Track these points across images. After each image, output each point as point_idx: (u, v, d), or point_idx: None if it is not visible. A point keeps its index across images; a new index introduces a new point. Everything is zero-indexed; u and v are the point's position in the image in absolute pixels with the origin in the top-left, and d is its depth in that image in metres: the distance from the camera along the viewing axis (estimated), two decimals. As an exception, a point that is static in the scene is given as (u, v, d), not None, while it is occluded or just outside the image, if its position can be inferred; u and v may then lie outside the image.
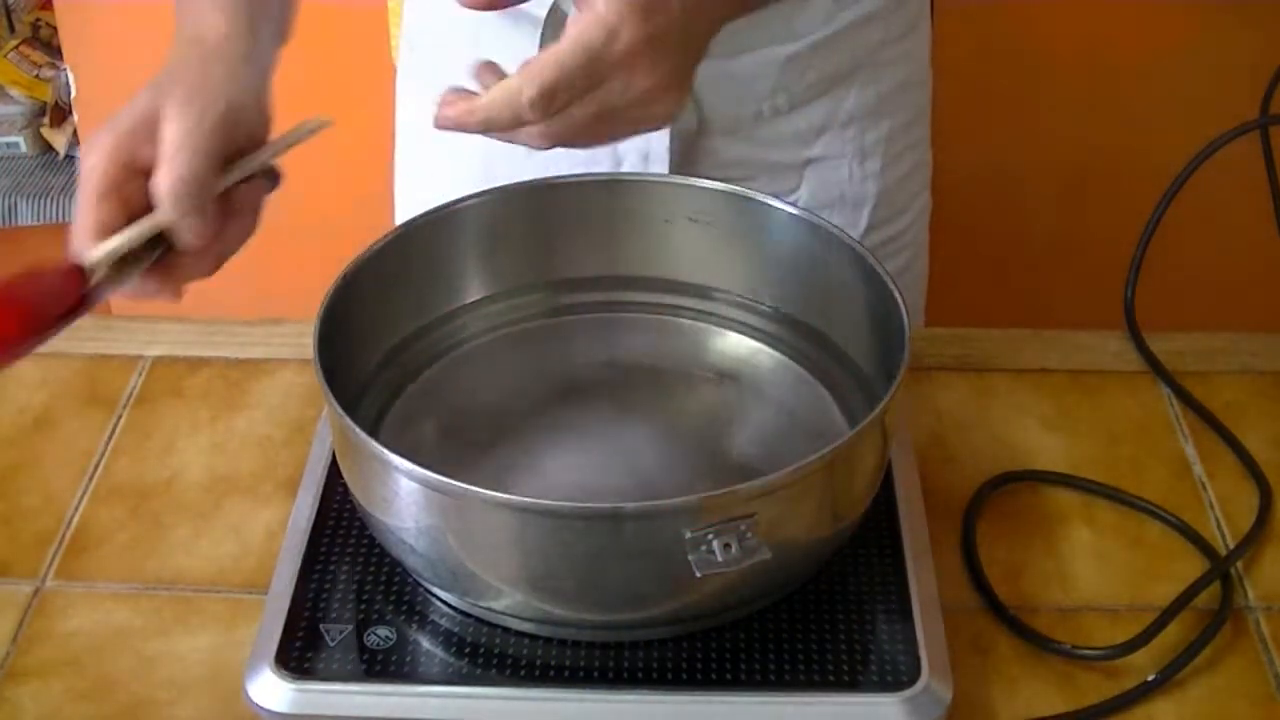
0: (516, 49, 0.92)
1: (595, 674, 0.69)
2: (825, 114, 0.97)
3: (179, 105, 0.69)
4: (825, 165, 0.98)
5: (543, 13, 0.89)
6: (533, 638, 0.70)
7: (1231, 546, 0.80)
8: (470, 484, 0.64)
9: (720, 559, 0.63)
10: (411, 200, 1.08)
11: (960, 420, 0.88)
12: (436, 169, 1.02)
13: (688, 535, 0.63)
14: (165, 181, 0.67)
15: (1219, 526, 0.82)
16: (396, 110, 1.08)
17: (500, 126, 0.67)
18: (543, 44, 0.90)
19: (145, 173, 0.68)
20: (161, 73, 0.72)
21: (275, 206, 0.74)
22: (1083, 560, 0.79)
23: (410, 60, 1.05)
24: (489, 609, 0.70)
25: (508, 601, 0.69)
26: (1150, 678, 0.72)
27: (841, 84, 0.97)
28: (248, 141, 0.73)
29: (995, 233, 1.69)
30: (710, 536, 0.63)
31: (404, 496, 0.67)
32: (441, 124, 0.69)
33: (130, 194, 0.68)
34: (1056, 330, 0.96)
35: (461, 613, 0.72)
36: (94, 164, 0.68)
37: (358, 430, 0.67)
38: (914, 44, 1.02)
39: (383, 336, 0.82)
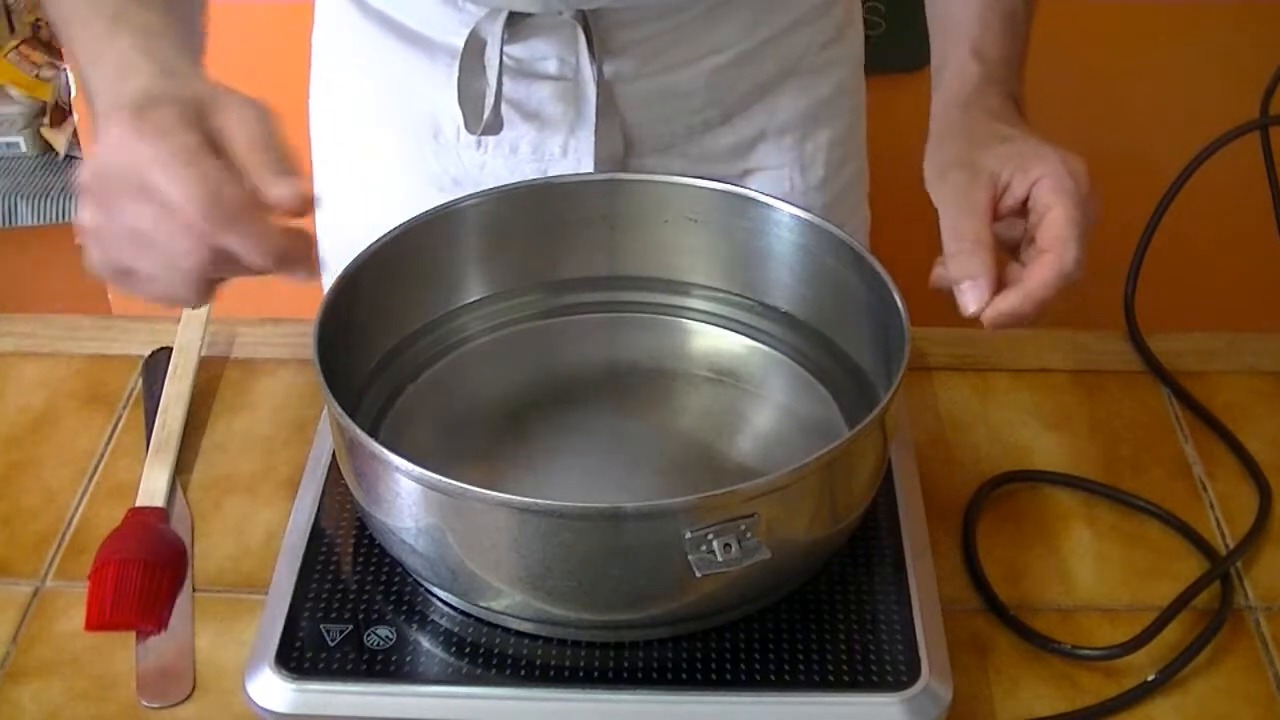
0: (436, 79, 0.91)
1: (595, 674, 0.69)
2: (759, 124, 0.97)
3: (237, 95, 0.63)
4: (765, 177, 0.97)
5: (459, 44, 0.89)
6: (532, 638, 0.70)
7: (1231, 546, 0.80)
8: (470, 484, 0.64)
9: (720, 559, 0.63)
10: (335, 234, 1.04)
11: (960, 420, 0.88)
12: (353, 201, 0.99)
13: (687, 535, 0.63)
14: (263, 155, 0.61)
15: (1219, 526, 0.82)
16: (312, 148, 1.03)
17: (1053, 301, 0.70)
18: (460, 76, 0.89)
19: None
20: (142, 79, 0.65)
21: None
22: (1083, 560, 0.79)
23: (326, 101, 1.02)
24: (489, 609, 0.70)
25: (507, 601, 0.69)
26: (1150, 678, 0.72)
27: (772, 92, 0.96)
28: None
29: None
30: (710, 536, 0.63)
31: (404, 496, 0.67)
32: (997, 323, 0.71)
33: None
34: (1057, 330, 0.96)
35: (461, 613, 0.72)
36: (178, 117, 0.61)
37: (358, 430, 0.67)
38: (844, 49, 1.01)
39: (383, 336, 0.82)
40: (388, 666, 0.69)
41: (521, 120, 0.92)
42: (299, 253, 0.62)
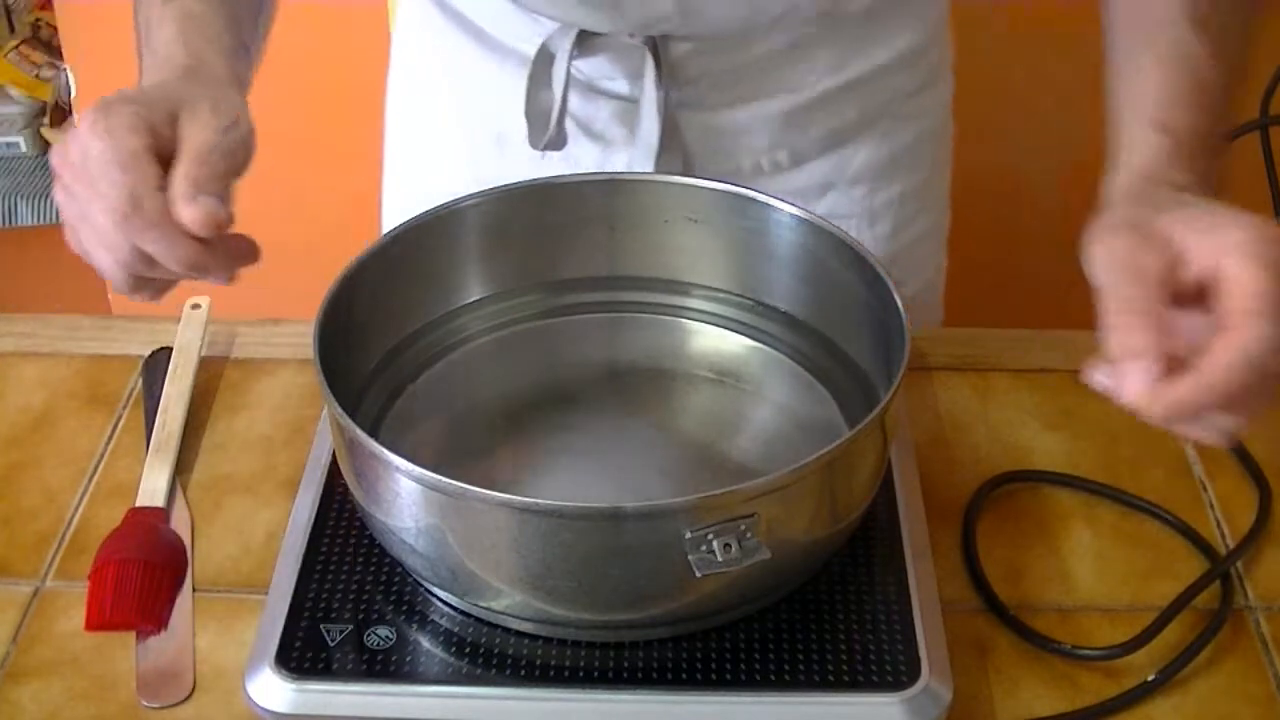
0: (505, 87, 0.91)
1: (595, 674, 0.69)
2: (831, 171, 0.93)
3: (208, 104, 0.65)
4: None
5: (531, 52, 0.89)
6: (533, 638, 0.70)
7: (1231, 546, 0.80)
8: (470, 484, 0.64)
9: (720, 559, 0.63)
10: (400, 197, 1.07)
11: (961, 420, 0.88)
12: (419, 193, 0.98)
13: (687, 535, 0.63)
14: (194, 170, 0.63)
15: (1219, 526, 0.82)
16: (385, 131, 1.06)
17: (1240, 390, 0.58)
18: (529, 87, 0.89)
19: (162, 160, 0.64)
20: (171, 72, 0.69)
21: (275, 207, 0.74)
22: (1083, 560, 0.79)
23: (401, 90, 1.03)
24: (489, 609, 0.70)
25: (508, 601, 0.69)
26: (1150, 678, 0.72)
27: (849, 141, 0.92)
28: (240, 165, 0.68)
29: (996, 233, 1.68)
30: (710, 536, 0.63)
31: (404, 496, 0.67)
32: (1169, 416, 0.60)
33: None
34: (1057, 330, 0.96)
35: (461, 613, 0.72)
36: (131, 122, 0.64)
37: (358, 430, 0.67)
38: (933, 98, 0.96)
39: (383, 336, 0.82)
40: (388, 667, 0.69)
41: (585, 138, 0.92)
42: (212, 264, 0.64)
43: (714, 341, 0.86)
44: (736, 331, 0.86)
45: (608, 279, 0.87)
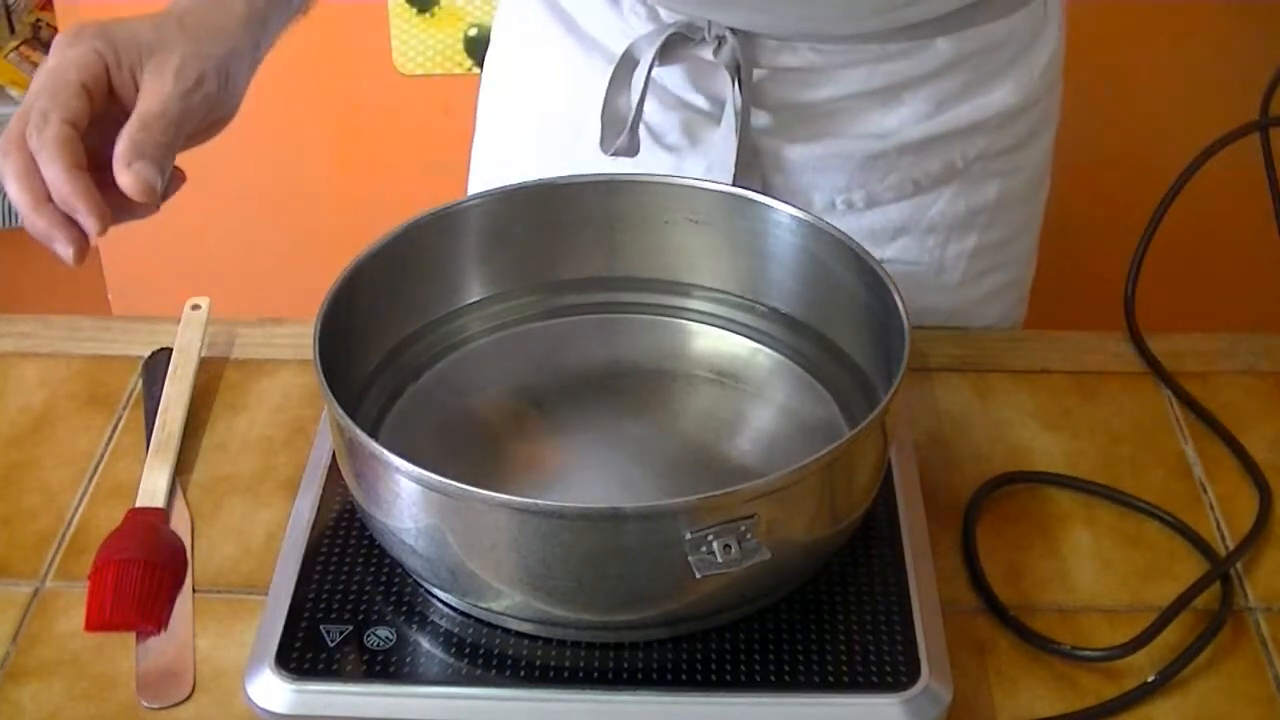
0: (589, 82, 0.91)
1: (595, 675, 0.69)
2: (905, 218, 0.91)
3: (176, 60, 0.66)
4: (895, 267, 0.87)
5: (618, 51, 0.88)
6: (533, 639, 0.70)
7: (1231, 547, 0.80)
8: (470, 484, 0.64)
9: (720, 560, 0.63)
10: (479, 183, 1.05)
11: (960, 421, 0.88)
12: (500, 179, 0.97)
13: (687, 536, 0.63)
14: (138, 135, 0.65)
15: (1219, 527, 0.81)
16: (479, 101, 1.06)
17: None
18: (609, 89, 0.88)
19: (114, 99, 0.66)
20: (167, 11, 0.70)
21: (274, 207, 0.74)
22: (1082, 561, 0.79)
23: (497, 78, 1.03)
24: (488, 609, 0.70)
25: (507, 602, 0.69)
26: (1150, 679, 0.72)
27: (930, 191, 0.90)
28: (209, 125, 0.70)
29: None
30: (710, 537, 0.63)
31: (404, 497, 0.67)
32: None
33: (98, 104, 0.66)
34: (1057, 331, 0.96)
35: (461, 613, 0.72)
36: (83, 57, 0.66)
37: (357, 430, 0.67)
38: (1028, 155, 0.93)
39: (383, 336, 0.82)
40: (388, 667, 0.69)
41: (659, 149, 0.91)
42: (84, 208, 0.64)
43: (714, 342, 0.86)
44: (737, 333, 0.86)
45: (608, 280, 0.87)
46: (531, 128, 0.99)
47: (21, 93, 1.82)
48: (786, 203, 0.82)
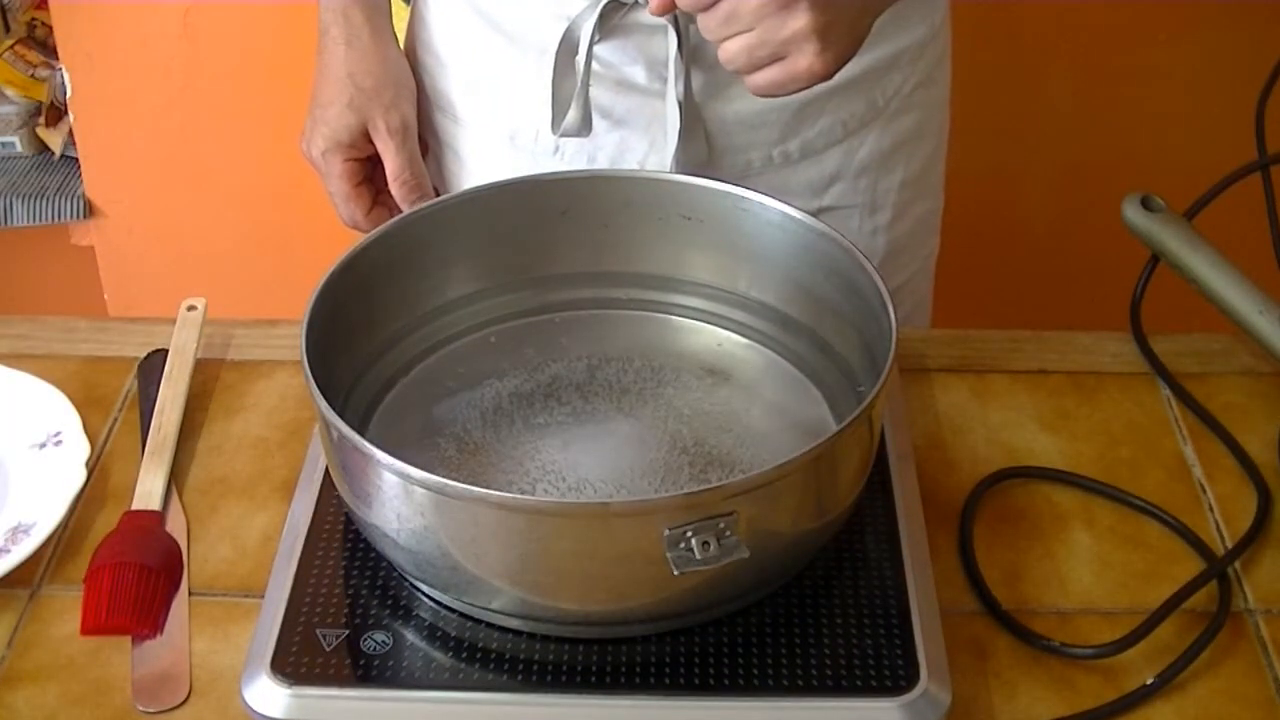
0: (519, 79, 0.91)
1: (593, 678, 0.69)
2: (838, 163, 0.96)
3: (384, 131, 0.92)
4: (834, 215, 0.96)
5: (548, 41, 0.89)
6: (529, 643, 0.70)
7: (1230, 548, 0.79)
8: (457, 480, 0.64)
9: (698, 556, 0.63)
10: None
11: (959, 422, 0.88)
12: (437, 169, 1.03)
13: (666, 533, 0.63)
14: (402, 175, 0.92)
15: (1218, 528, 0.81)
16: None
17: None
18: (554, 75, 0.89)
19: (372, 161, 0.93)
20: (342, 71, 0.92)
21: (270, 208, 0.74)
22: (1081, 562, 0.79)
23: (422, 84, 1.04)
24: (475, 605, 0.70)
25: (493, 598, 0.69)
26: (1149, 681, 0.72)
27: (857, 133, 0.95)
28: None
29: (996, 233, 1.68)
30: (689, 534, 0.63)
31: (387, 491, 0.66)
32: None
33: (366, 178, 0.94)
34: (1056, 331, 0.95)
35: (457, 615, 0.71)
36: (339, 168, 0.93)
37: (342, 424, 0.66)
38: (933, 92, 0.99)
39: (373, 332, 0.82)
40: (384, 671, 0.69)
41: (603, 130, 0.92)
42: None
43: (705, 339, 0.86)
44: (727, 329, 0.86)
45: (600, 275, 0.87)
46: (463, 134, 0.99)
47: (17, 92, 1.82)
48: (780, 200, 0.82)
